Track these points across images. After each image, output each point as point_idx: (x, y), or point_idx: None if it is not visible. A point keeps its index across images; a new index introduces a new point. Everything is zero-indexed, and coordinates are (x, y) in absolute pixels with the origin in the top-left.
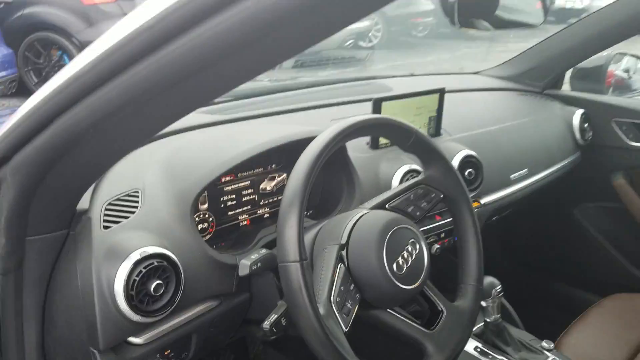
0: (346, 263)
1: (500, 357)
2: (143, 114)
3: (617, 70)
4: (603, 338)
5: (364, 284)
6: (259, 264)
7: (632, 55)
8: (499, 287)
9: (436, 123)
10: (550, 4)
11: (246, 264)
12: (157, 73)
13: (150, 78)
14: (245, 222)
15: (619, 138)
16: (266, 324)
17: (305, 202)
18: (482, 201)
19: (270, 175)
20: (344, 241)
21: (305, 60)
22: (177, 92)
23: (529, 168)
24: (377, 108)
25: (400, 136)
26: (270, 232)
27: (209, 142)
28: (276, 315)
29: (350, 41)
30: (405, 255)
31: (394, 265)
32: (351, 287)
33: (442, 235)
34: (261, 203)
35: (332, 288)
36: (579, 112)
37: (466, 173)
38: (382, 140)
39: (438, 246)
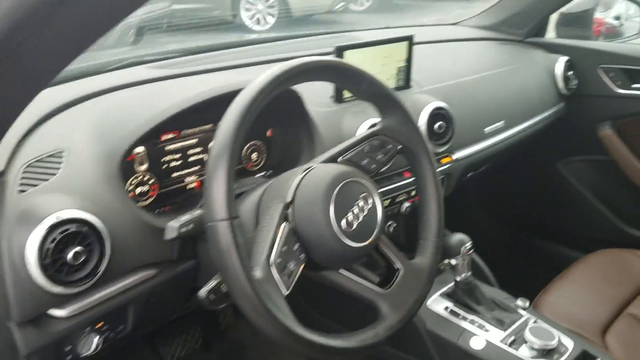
0: (291, 221)
1: (471, 316)
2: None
3: (607, 17)
4: (585, 295)
5: (311, 244)
6: (190, 226)
7: None
8: (468, 244)
9: (405, 74)
10: None
11: (174, 226)
12: None
13: None
14: (193, 185)
15: (605, 86)
16: (202, 292)
17: (236, 154)
18: (455, 156)
19: None
20: (289, 198)
21: (293, 22)
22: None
23: (506, 120)
24: (338, 57)
25: (351, 82)
26: None
27: (145, 97)
28: (215, 282)
29: (342, 4)
30: (356, 211)
31: (343, 222)
32: (295, 247)
33: (413, 192)
34: None
35: (272, 249)
36: (562, 60)
37: (436, 126)
38: (347, 94)
39: (408, 204)
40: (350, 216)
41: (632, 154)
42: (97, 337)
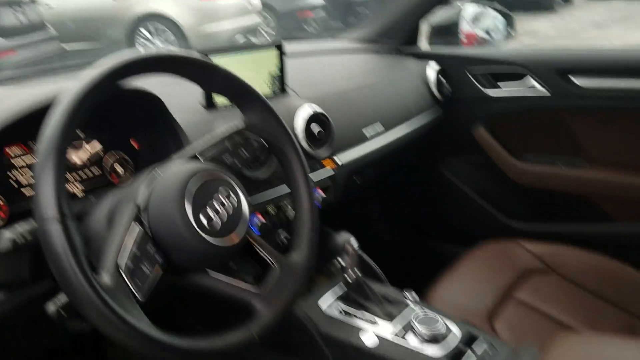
0: (144, 223)
1: (362, 313)
2: None
3: (477, 30)
4: (472, 286)
5: (169, 245)
6: (29, 236)
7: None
8: (354, 243)
9: (280, 81)
10: None
11: (6, 237)
12: None
13: None
14: None
15: (475, 88)
16: (51, 307)
17: (64, 151)
18: (338, 160)
19: (76, 144)
20: (140, 199)
21: None
22: None
23: (384, 124)
24: None
25: (201, 75)
26: None
27: None
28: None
29: (242, 38)
30: (218, 208)
31: (203, 219)
32: (150, 251)
33: None
34: (71, 179)
35: (121, 253)
36: (433, 67)
37: (314, 130)
38: (219, 100)
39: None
40: (210, 213)
41: (505, 150)
42: None
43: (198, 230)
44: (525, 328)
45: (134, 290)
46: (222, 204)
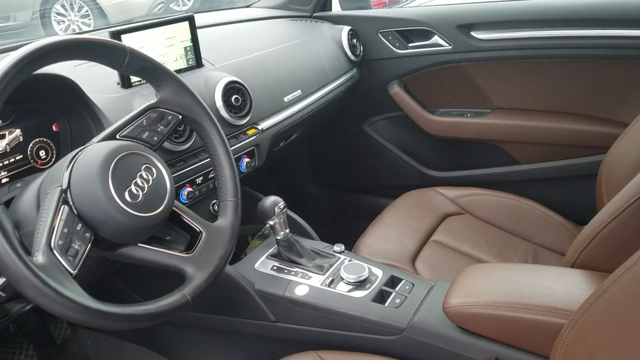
0: (70, 203)
1: (295, 269)
2: None
3: None
4: (396, 232)
5: (96, 221)
6: None
7: None
8: (281, 204)
9: (194, 53)
10: None
11: None
12: None
13: None
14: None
15: (387, 48)
16: None
17: None
18: (260, 127)
19: None
20: (65, 181)
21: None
22: None
23: (302, 89)
24: None
25: (109, 57)
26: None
27: None
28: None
29: (160, 5)
30: (140, 182)
31: (127, 195)
32: (78, 228)
33: None
34: None
35: (51, 233)
36: (346, 30)
37: (232, 99)
38: (135, 78)
39: None
40: (134, 188)
41: (419, 106)
42: None
43: (122, 204)
44: (443, 266)
45: (66, 266)
46: (143, 178)
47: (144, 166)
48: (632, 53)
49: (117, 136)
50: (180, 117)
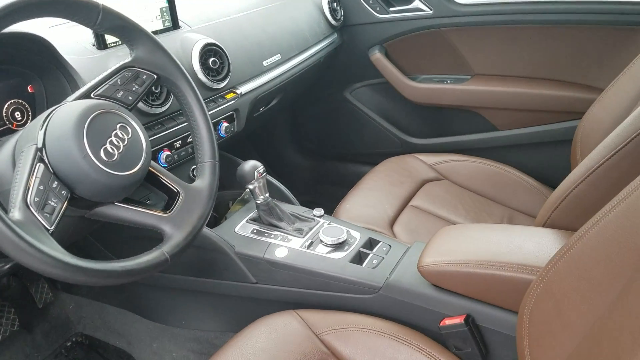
0: (45, 161)
1: (275, 232)
2: None
3: None
4: (375, 198)
5: (72, 179)
6: None
7: None
8: (260, 168)
9: (170, 14)
10: None
11: None
12: None
13: None
14: None
15: (368, 13)
16: None
17: None
18: (239, 91)
19: None
20: (40, 139)
21: None
22: None
23: (281, 53)
24: None
25: (82, 14)
26: None
27: None
28: None
29: None
30: (115, 141)
31: (102, 153)
32: (54, 185)
33: None
34: None
35: (27, 190)
36: None
37: (210, 62)
38: (111, 39)
39: None
40: (109, 147)
41: (399, 72)
42: None
43: (97, 163)
44: (421, 229)
45: (43, 222)
46: (119, 137)
47: (119, 125)
48: (610, 18)
49: (92, 95)
50: (155, 76)
